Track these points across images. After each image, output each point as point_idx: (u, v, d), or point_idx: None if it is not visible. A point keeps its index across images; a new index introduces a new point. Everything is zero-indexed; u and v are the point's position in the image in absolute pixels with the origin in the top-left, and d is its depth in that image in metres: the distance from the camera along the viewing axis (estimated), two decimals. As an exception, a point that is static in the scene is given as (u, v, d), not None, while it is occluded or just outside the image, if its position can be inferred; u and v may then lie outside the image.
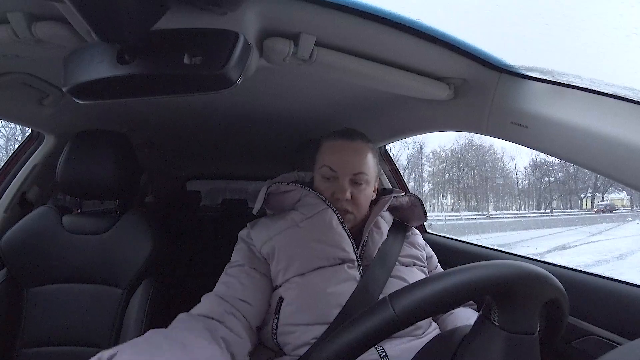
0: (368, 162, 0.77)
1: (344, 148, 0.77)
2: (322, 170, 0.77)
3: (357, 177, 0.75)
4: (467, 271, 0.39)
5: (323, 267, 0.70)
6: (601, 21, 0.46)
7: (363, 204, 0.77)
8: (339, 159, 0.76)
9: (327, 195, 0.76)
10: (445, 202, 12.88)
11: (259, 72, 0.66)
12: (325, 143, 0.80)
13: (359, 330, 0.38)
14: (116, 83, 0.43)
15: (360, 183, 0.76)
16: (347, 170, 0.75)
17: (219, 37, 0.42)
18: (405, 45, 0.63)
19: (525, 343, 0.40)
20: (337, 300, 0.66)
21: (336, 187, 0.75)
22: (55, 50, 0.57)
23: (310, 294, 0.67)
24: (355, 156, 0.76)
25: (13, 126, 6.13)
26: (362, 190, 0.76)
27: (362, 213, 0.78)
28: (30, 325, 0.93)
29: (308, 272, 0.70)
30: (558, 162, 10.28)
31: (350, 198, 0.74)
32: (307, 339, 0.64)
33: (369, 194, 0.79)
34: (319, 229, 0.73)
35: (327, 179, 0.77)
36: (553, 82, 0.62)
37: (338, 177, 0.75)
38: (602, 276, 0.72)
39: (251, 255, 0.74)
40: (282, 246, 0.72)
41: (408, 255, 0.79)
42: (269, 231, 0.75)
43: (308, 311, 0.65)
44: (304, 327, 0.64)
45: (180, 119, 1.28)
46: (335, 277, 0.69)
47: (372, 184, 0.79)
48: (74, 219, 1.02)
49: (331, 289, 0.67)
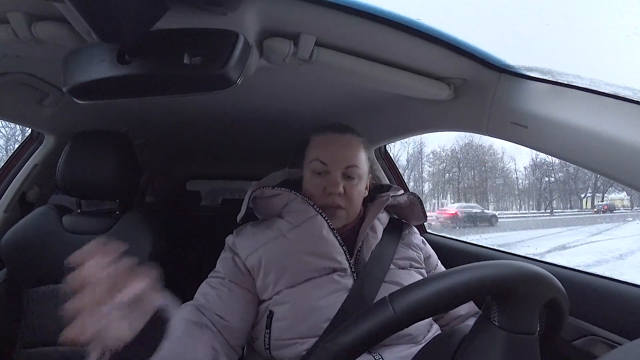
0: (360, 156, 0.75)
1: (335, 141, 0.75)
2: (312, 164, 0.74)
3: (350, 170, 0.73)
4: (467, 271, 0.39)
5: (313, 278, 0.67)
6: (601, 21, 0.46)
7: (356, 200, 0.74)
8: (330, 152, 0.73)
9: (318, 192, 0.73)
10: (445, 202, 12.88)
11: (259, 72, 0.66)
12: (315, 137, 0.77)
13: (359, 330, 0.37)
14: (116, 83, 0.43)
15: (353, 177, 0.73)
16: (339, 163, 0.72)
17: (219, 37, 0.42)
18: (405, 45, 0.63)
19: (525, 343, 0.40)
20: (327, 312, 0.63)
21: (328, 181, 0.72)
22: (55, 50, 0.57)
23: (301, 307, 0.64)
24: (347, 149, 0.74)
25: (13, 126, 6.14)
26: (355, 185, 0.73)
27: (355, 210, 0.75)
28: (30, 325, 0.93)
29: (298, 284, 0.67)
30: (558, 162, 10.28)
31: (343, 192, 0.72)
32: (301, 352, 0.62)
33: (361, 190, 0.76)
34: (308, 238, 0.70)
35: (318, 174, 0.73)
36: (553, 82, 0.62)
37: (329, 170, 0.72)
38: (602, 276, 0.72)
39: (234, 269, 0.70)
40: (269, 259, 0.69)
41: (404, 257, 0.75)
42: (255, 241, 0.71)
43: (300, 325, 0.63)
44: (298, 341, 0.63)
45: (180, 119, 1.28)
46: (326, 287, 0.66)
47: (364, 179, 0.77)
48: (74, 219, 1.02)
49: (322, 300, 0.65)
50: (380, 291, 0.67)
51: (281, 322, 0.64)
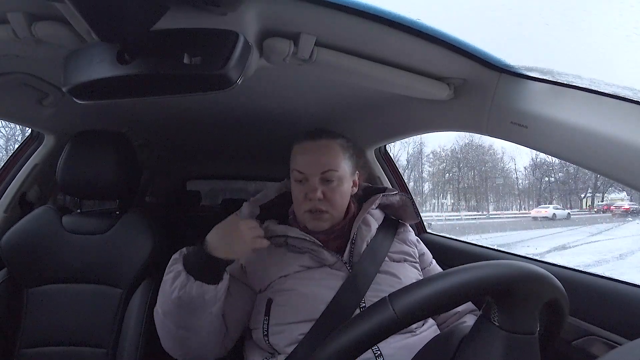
0: (336, 158, 0.77)
1: (308, 149, 0.78)
2: (293, 174, 0.78)
3: (326, 175, 0.75)
4: (467, 271, 0.39)
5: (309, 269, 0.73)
6: (601, 21, 0.46)
7: (338, 202, 0.77)
8: (304, 160, 0.77)
9: (301, 199, 0.77)
10: (445, 202, 12.87)
11: (259, 72, 0.66)
12: (294, 146, 0.81)
13: (359, 330, 0.38)
14: (116, 83, 0.43)
15: (331, 180, 0.76)
16: (314, 170, 0.76)
17: (219, 37, 0.42)
18: (405, 45, 0.63)
19: (525, 343, 0.40)
20: (324, 296, 0.68)
21: (307, 188, 0.76)
22: (55, 50, 0.57)
23: (299, 292, 0.69)
24: (320, 155, 0.77)
25: (13, 126, 6.12)
26: (335, 187, 0.76)
27: (340, 211, 0.79)
28: (30, 325, 0.93)
29: (294, 272, 0.72)
30: (558, 162, 10.27)
31: (323, 197, 0.75)
32: (295, 336, 0.65)
33: (344, 190, 0.78)
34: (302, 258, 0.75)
35: (299, 182, 0.77)
36: (553, 82, 0.62)
37: (307, 178, 0.76)
38: (602, 276, 0.72)
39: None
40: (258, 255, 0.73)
41: (399, 251, 0.80)
42: None
43: (297, 309, 0.67)
44: (293, 325, 0.66)
45: (180, 119, 1.28)
46: (322, 276, 0.71)
47: (346, 179, 0.79)
48: (74, 219, 1.02)
49: (318, 286, 0.69)
50: (375, 280, 0.71)
51: (280, 306, 0.69)
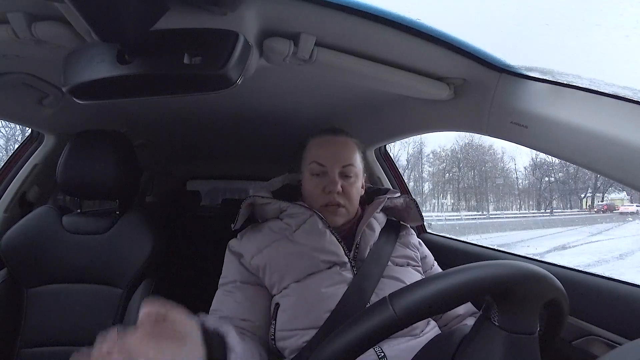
0: (355, 155, 0.79)
1: (330, 142, 0.79)
2: (310, 166, 0.78)
3: (346, 169, 0.77)
4: (468, 271, 0.39)
5: (316, 272, 0.71)
6: (601, 21, 0.46)
7: (354, 197, 0.78)
8: (327, 153, 0.77)
9: (318, 192, 0.76)
10: (445, 202, 12.88)
11: (259, 72, 0.66)
12: (312, 140, 0.82)
13: (359, 330, 0.38)
14: (116, 83, 0.43)
15: (350, 176, 0.77)
16: (336, 163, 0.76)
17: (219, 37, 0.42)
18: (405, 45, 0.63)
19: (525, 343, 0.40)
20: (328, 303, 0.66)
21: (326, 181, 0.75)
22: (55, 50, 0.57)
23: (305, 299, 0.68)
24: (342, 149, 0.78)
25: (13, 126, 6.12)
26: (352, 183, 0.77)
27: (354, 206, 0.79)
28: (30, 325, 0.93)
29: (302, 278, 0.70)
30: (558, 162, 10.27)
31: (342, 191, 0.75)
32: (299, 344, 0.64)
33: (358, 187, 0.80)
34: (308, 235, 0.73)
35: (316, 175, 0.77)
36: (553, 82, 0.62)
37: (327, 171, 0.76)
38: (602, 276, 0.72)
39: (242, 270, 0.74)
40: (273, 258, 0.72)
41: (401, 255, 0.79)
42: (259, 243, 0.75)
43: (302, 316, 0.66)
44: (300, 332, 0.65)
45: (180, 119, 1.28)
46: (327, 281, 0.69)
47: (360, 177, 0.80)
48: (74, 219, 1.02)
49: (324, 293, 0.67)
50: (378, 286, 0.70)
51: (285, 313, 0.68)
